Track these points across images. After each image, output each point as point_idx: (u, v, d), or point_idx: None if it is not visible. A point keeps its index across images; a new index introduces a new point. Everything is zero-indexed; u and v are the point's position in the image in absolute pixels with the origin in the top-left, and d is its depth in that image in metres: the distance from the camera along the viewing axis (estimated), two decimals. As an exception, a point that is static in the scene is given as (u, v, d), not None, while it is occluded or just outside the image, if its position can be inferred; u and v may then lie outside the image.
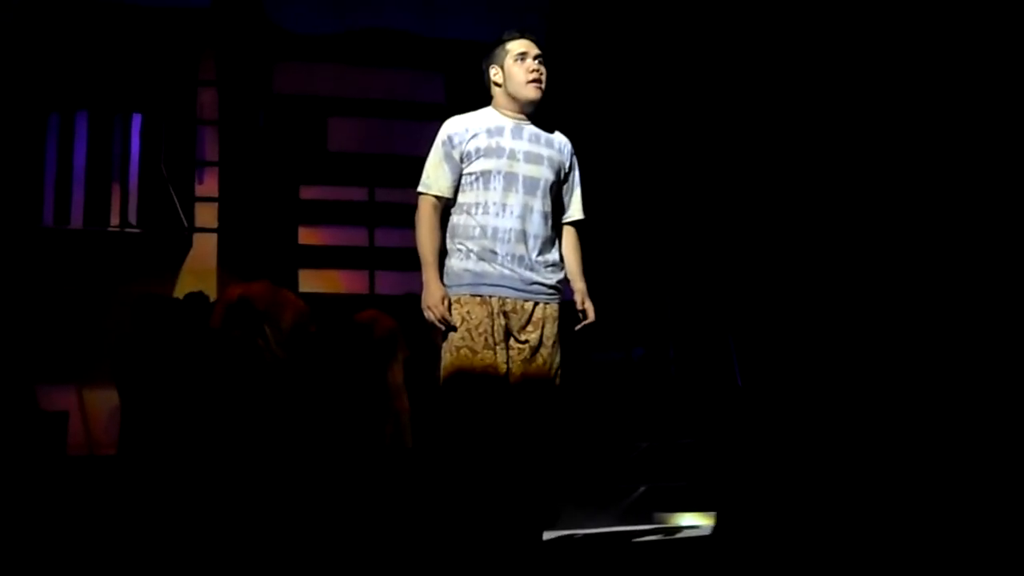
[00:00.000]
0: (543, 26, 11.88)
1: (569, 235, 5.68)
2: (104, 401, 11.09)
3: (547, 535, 4.89)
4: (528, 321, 5.31)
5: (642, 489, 12.02)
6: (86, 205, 11.80)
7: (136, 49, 12.06)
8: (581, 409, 12.08)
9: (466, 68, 12.52)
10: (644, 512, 11.30)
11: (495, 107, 5.58)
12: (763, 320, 12.12)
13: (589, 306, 5.45)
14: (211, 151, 12.59)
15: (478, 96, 5.80)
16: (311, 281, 12.44)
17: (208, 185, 12.52)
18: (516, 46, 5.53)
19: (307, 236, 12.79)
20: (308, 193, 12.88)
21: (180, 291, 10.65)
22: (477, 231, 5.33)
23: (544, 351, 5.30)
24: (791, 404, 11.25)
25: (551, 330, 5.37)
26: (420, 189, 5.48)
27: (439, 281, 5.27)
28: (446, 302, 5.21)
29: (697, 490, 10.28)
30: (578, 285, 5.53)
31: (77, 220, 11.80)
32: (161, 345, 9.17)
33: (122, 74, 12.01)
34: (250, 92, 12.67)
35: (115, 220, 11.93)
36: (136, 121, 12.05)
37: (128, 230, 11.89)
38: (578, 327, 5.43)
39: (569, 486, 9.08)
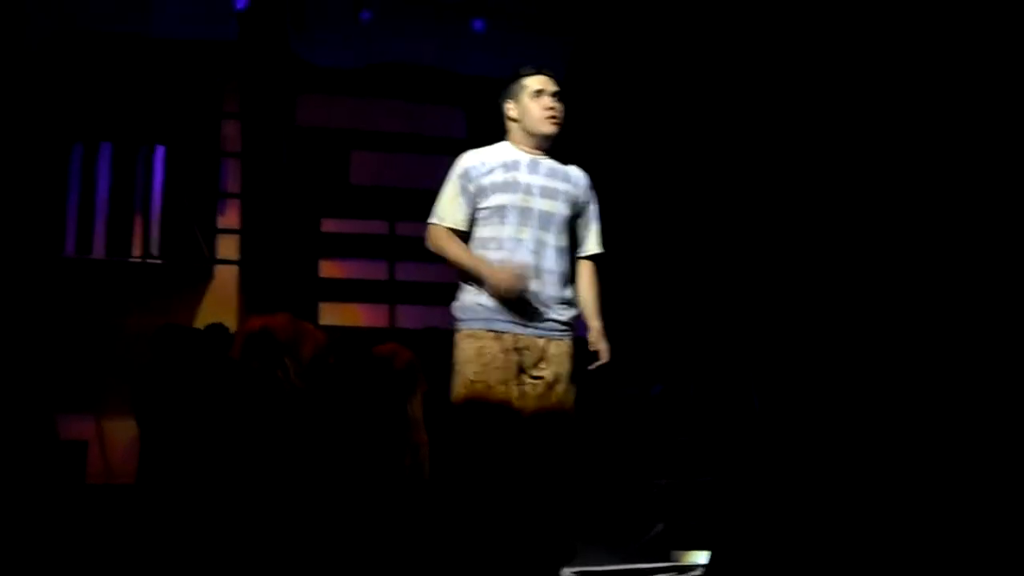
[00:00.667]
0: (564, 64, 11.94)
1: (586, 270, 5.68)
2: (123, 431, 11.11)
3: (564, 572, 4.88)
4: (541, 358, 5.31)
5: (660, 527, 12.00)
6: (108, 235, 11.86)
7: (160, 81, 12.13)
8: (599, 445, 12.08)
9: (487, 104, 12.56)
10: (662, 550, 11.28)
11: (511, 142, 5.66)
12: (783, 356, 12.10)
13: (603, 346, 5.43)
14: (233, 183, 12.64)
15: (499, 132, 5.83)
16: (331, 314, 12.46)
17: (230, 217, 12.57)
18: (533, 82, 5.62)
19: (328, 269, 12.82)
20: (329, 226, 12.91)
21: (201, 322, 10.68)
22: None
23: (559, 387, 5.30)
24: (811, 438, 11.21)
25: (565, 367, 5.36)
26: (433, 220, 5.49)
27: (490, 264, 5.27)
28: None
29: (715, 528, 10.26)
30: (593, 323, 5.52)
31: (99, 250, 11.85)
32: (181, 376, 9.20)
33: (146, 106, 12.07)
34: (273, 125, 12.71)
35: (137, 251, 11.98)
36: (159, 152, 12.11)
37: (150, 261, 11.93)
38: (592, 367, 5.40)
39: (587, 523, 9.06)
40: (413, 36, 12.46)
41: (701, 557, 10.32)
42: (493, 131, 5.92)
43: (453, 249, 5.41)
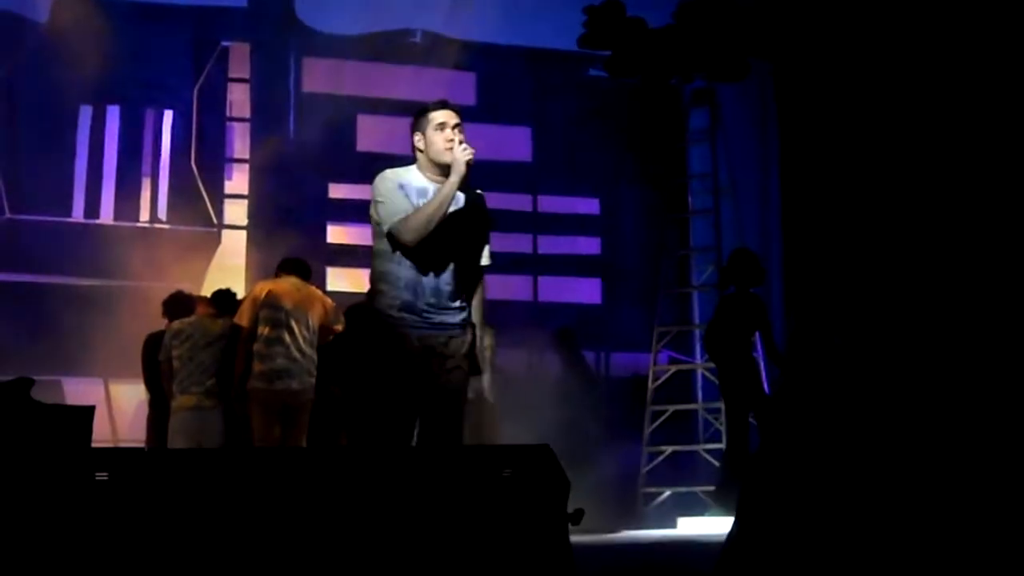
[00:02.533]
0: (579, 22, 11.97)
1: (479, 280, 6.34)
2: (131, 395, 11.14)
3: (573, 537, 4.89)
4: (444, 353, 5.91)
5: (667, 493, 12.04)
6: (116, 199, 11.88)
7: (169, 45, 12.11)
8: (607, 413, 12.09)
9: (497, 69, 12.56)
10: (669, 516, 11.32)
11: (419, 169, 6.09)
12: (794, 326, 12.12)
13: (476, 349, 6.13)
14: (241, 148, 12.64)
15: (510, 98, 5.92)
16: (339, 279, 12.46)
17: (238, 182, 12.58)
18: (436, 116, 6.07)
19: (336, 234, 12.82)
20: (337, 191, 12.90)
21: (208, 287, 10.68)
22: (401, 281, 5.88)
23: (456, 375, 5.96)
24: (822, 413, 11.18)
25: (463, 360, 5.99)
26: (393, 224, 5.91)
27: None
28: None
29: (722, 495, 10.28)
30: (474, 324, 6.19)
31: (107, 214, 11.87)
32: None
33: (155, 70, 12.06)
34: (281, 90, 12.69)
35: (145, 215, 12.00)
36: (167, 117, 12.11)
37: (158, 225, 11.95)
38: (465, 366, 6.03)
39: (594, 489, 9.08)
40: (421, 1, 12.44)
41: (708, 523, 10.36)
42: (503, 97, 6.04)
43: (423, 210, 5.86)
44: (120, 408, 11.51)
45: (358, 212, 12.88)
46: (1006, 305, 9.94)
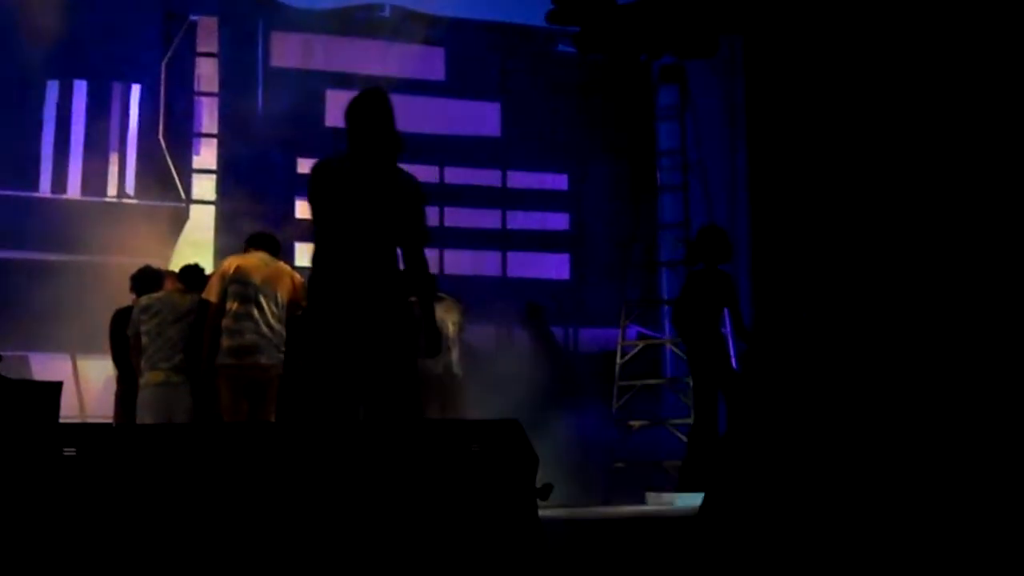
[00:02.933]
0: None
1: (410, 255, 6.36)
2: (99, 371, 11.11)
3: (541, 512, 4.91)
4: (376, 323, 6.09)
5: (635, 468, 12.08)
6: (84, 174, 11.83)
7: (136, 19, 12.05)
8: (575, 388, 12.12)
9: (466, 45, 12.53)
10: (637, 491, 11.36)
11: (350, 151, 6.36)
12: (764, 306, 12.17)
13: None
14: (209, 123, 12.60)
15: (479, 73, 5.90)
16: (308, 255, 12.41)
17: (206, 157, 12.54)
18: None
19: (305, 209, 12.75)
20: (306, 166, 12.85)
21: (177, 263, 10.65)
22: (334, 257, 6.14)
23: (391, 352, 6.13)
24: (789, 391, 11.27)
25: (398, 330, 6.15)
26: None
27: None
28: None
29: (690, 470, 10.32)
30: (415, 297, 6.38)
31: (75, 190, 11.82)
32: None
33: (122, 44, 11.99)
34: (249, 64, 12.65)
35: (112, 190, 11.95)
36: (135, 91, 12.06)
37: (125, 200, 11.90)
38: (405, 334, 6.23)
39: (563, 464, 9.11)
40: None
41: (676, 498, 10.40)
42: (472, 72, 6.04)
43: None
44: (88, 384, 11.47)
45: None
46: (971, 282, 10.01)
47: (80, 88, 11.89)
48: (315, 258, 6.30)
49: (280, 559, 4.52)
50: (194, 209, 12.26)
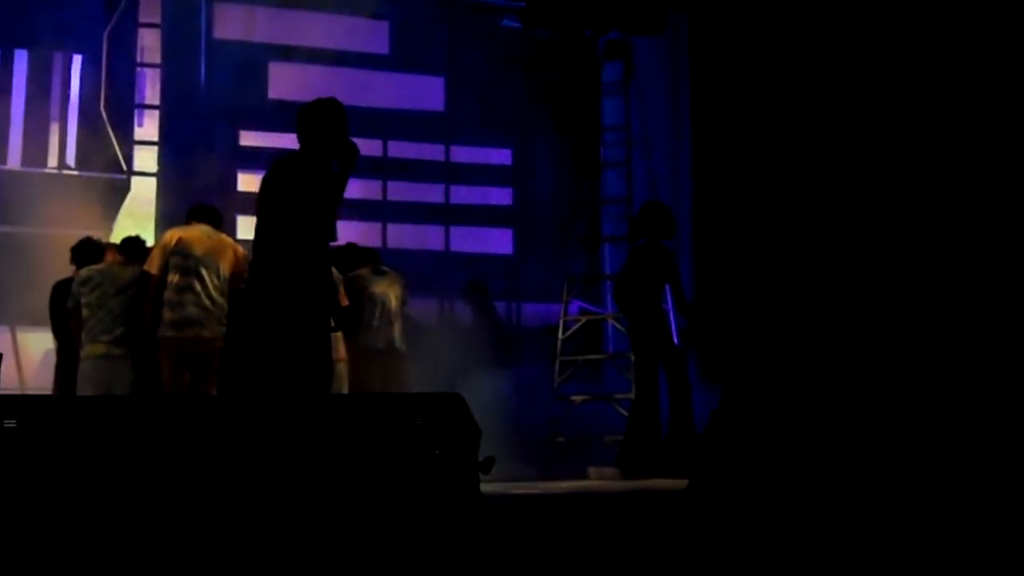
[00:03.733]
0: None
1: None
2: (39, 343, 11.04)
3: (483, 487, 4.94)
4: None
5: (577, 443, 12.13)
6: (24, 145, 11.73)
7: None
8: (519, 363, 12.15)
9: (412, 18, 12.49)
10: (579, 466, 11.41)
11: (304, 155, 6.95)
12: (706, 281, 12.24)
13: None
14: (151, 94, 12.52)
15: (424, 47, 5.88)
16: (250, 227, 12.35)
17: (148, 128, 12.45)
18: None
19: (246, 182, 12.73)
20: (248, 139, 12.81)
21: (118, 235, 10.58)
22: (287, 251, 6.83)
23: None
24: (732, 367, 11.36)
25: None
26: None
27: None
28: None
29: (631, 445, 10.37)
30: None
31: (15, 160, 11.72)
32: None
33: (64, 13, 11.89)
34: (192, 36, 12.57)
35: (53, 161, 11.86)
36: (76, 61, 11.96)
37: (66, 172, 11.82)
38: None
39: (505, 438, 9.13)
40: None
41: (615, 473, 10.47)
42: (416, 46, 6.02)
43: None
44: (28, 356, 11.40)
45: (269, 160, 12.83)
46: (918, 258, 10.11)
47: (21, 58, 11.78)
48: (269, 248, 6.76)
49: (219, 530, 4.52)
50: (136, 181, 12.17)
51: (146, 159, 12.33)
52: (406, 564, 4.47)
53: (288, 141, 12.73)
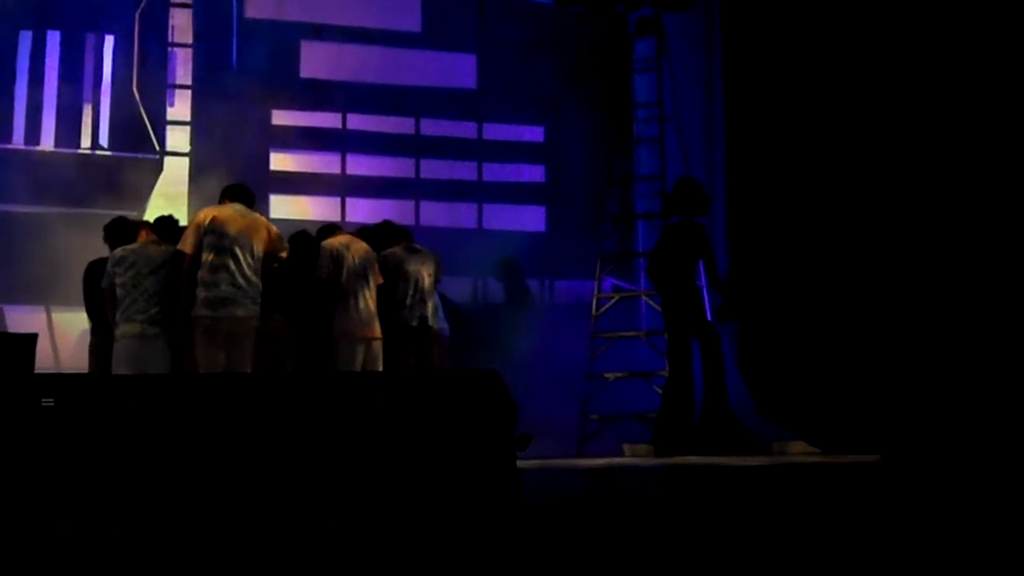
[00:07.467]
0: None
1: None
2: (74, 323, 11.08)
3: (520, 463, 4.93)
4: None
5: (612, 419, 12.13)
6: (57, 126, 11.76)
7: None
8: (552, 341, 12.15)
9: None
10: (614, 442, 11.41)
11: None
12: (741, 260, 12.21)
13: None
14: (183, 74, 12.53)
15: (456, 25, 5.82)
16: (282, 207, 12.41)
17: (180, 109, 12.47)
18: None
19: (279, 161, 12.76)
20: (280, 118, 12.82)
21: (151, 214, 10.61)
22: None
23: None
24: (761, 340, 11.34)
25: None
26: None
27: None
28: None
29: (665, 422, 10.37)
30: None
31: (48, 141, 11.76)
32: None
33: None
34: (224, 15, 12.58)
35: (86, 142, 11.89)
36: (108, 42, 11.98)
37: (99, 152, 11.84)
38: None
39: (540, 416, 9.14)
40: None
41: (649, 450, 10.46)
42: (448, 24, 5.93)
43: None
44: (63, 336, 11.44)
45: (301, 139, 12.86)
46: (937, 236, 10.08)
47: (53, 39, 11.81)
48: None
49: (257, 507, 4.53)
50: (168, 161, 12.21)
51: (178, 139, 12.35)
52: (443, 538, 4.47)
53: (320, 120, 12.90)
